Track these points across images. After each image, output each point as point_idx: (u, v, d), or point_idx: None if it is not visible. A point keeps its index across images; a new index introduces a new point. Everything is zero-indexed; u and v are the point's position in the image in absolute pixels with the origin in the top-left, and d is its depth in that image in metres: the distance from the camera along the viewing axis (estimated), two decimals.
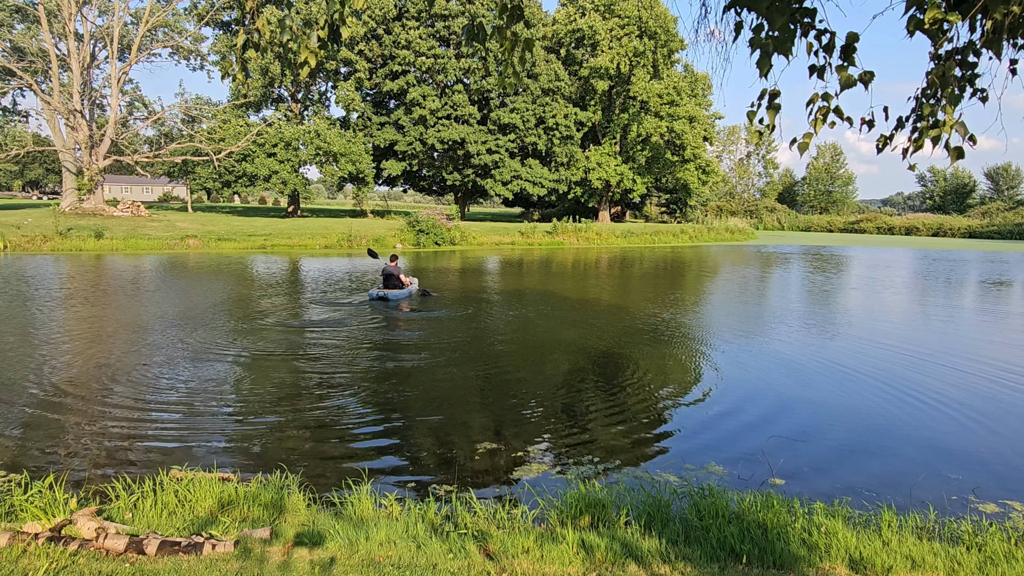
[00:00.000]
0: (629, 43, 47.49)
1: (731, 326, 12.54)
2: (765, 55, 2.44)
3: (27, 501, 4.09)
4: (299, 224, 36.99)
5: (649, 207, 70.26)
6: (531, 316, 13.02)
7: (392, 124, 46.87)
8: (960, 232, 59.53)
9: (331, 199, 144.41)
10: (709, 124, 53.58)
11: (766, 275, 23.17)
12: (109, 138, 35.64)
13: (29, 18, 37.92)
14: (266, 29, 2.69)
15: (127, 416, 6.41)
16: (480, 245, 33.53)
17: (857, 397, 7.77)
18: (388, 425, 6.40)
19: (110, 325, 11.05)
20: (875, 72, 2.34)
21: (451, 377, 8.26)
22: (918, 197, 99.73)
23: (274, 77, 44.32)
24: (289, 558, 3.62)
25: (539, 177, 48.16)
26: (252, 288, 16.07)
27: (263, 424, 6.33)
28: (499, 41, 2.88)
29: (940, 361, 9.72)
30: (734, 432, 6.47)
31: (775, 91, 2.52)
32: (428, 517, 4.25)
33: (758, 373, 8.90)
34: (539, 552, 3.78)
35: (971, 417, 7.08)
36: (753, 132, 2.65)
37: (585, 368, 8.94)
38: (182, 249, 26.48)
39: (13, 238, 24.12)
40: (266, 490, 4.40)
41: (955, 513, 4.69)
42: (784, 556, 3.81)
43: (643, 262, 27.20)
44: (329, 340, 10.23)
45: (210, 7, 40.17)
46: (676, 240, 41.68)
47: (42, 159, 77.62)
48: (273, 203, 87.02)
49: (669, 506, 4.46)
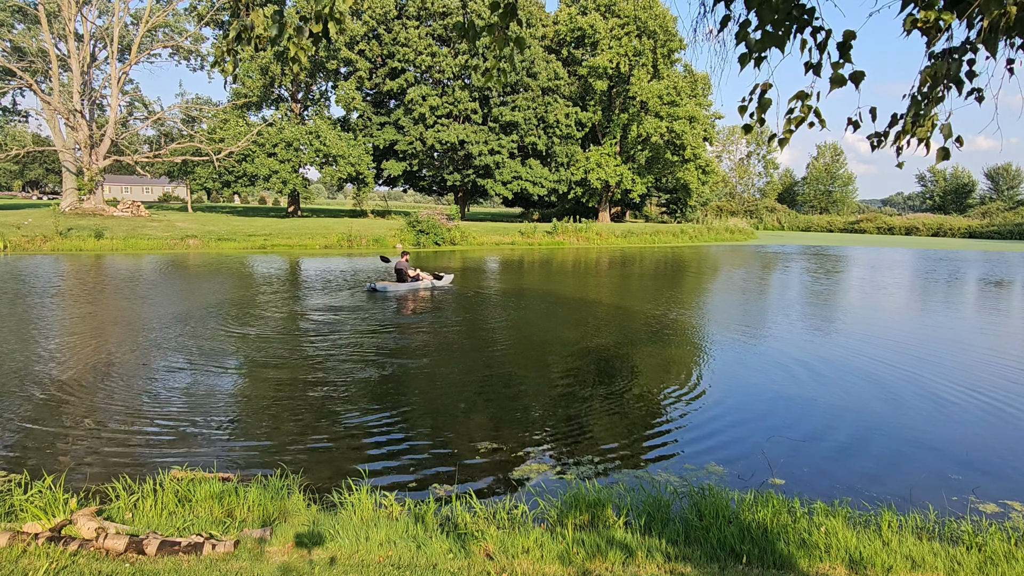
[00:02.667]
0: (628, 43, 47.49)
1: (731, 326, 12.54)
2: (750, 51, 2.45)
3: (27, 501, 4.10)
4: (299, 224, 36.99)
5: (649, 207, 70.25)
6: (531, 316, 13.02)
7: (392, 124, 46.85)
8: (960, 232, 59.54)
9: (331, 199, 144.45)
10: (709, 124, 53.54)
11: (766, 275, 23.16)
12: (109, 138, 35.64)
13: (29, 18, 37.94)
14: (260, 23, 2.69)
15: (127, 416, 6.41)
16: (480, 245, 33.53)
17: (857, 397, 7.77)
18: (388, 425, 6.40)
19: (110, 325, 11.05)
20: (872, 71, 2.35)
21: (451, 377, 8.26)
22: (918, 197, 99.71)
23: (274, 77, 44.32)
24: (289, 558, 3.62)
25: (539, 177, 48.17)
26: (252, 288, 16.08)
27: (263, 424, 6.34)
28: (490, 40, 2.88)
29: (940, 361, 9.72)
30: (734, 432, 6.47)
31: (767, 85, 2.52)
32: (428, 517, 4.25)
33: (758, 373, 8.89)
34: (539, 552, 3.78)
35: (971, 417, 7.07)
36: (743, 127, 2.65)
37: (585, 368, 8.94)
38: (182, 249, 26.48)
39: (13, 238, 24.13)
40: (266, 490, 4.41)
41: (955, 513, 4.69)
42: (784, 556, 3.81)
43: (643, 262, 27.19)
44: (329, 340, 10.23)
45: (210, 7, 40.16)
46: (676, 240, 41.68)
47: (42, 159, 77.65)
48: (273, 203, 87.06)
49: (669, 506, 4.46)
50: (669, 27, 48.80)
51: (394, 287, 15.91)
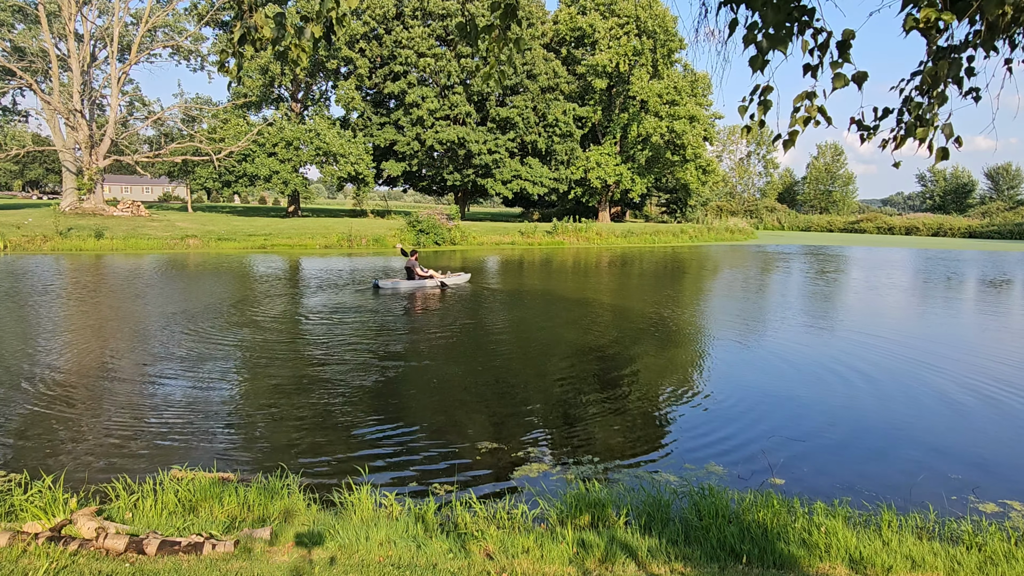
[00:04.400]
0: (628, 42, 47.48)
1: (731, 326, 12.54)
2: (759, 52, 2.45)
3: (27, 501, 4.10)
4: (299, 224, 36.99)
5: (649, 207, 70.25)
6: (531, 316, 13.02)
7: (392, 124, 46.87)
8: (960, 232, 59.53)
9: (331, 199, 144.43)
10: (709, 124, 53.53)
11: (766, 275, 23.16)
12: (109, 138, 35.64)
13: (29, 18, 37.93)
14: (263, 24, 2.69)
15: (127, 416, 6.41)
16: (480, 245, 33.53)
17: (857, 397, 7.77)
18: (388, 425, 6.40)
19: (110, 324, 11.05)
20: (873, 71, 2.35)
21: (451, 377, 8.26)
22: (918, 197, 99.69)
23: (274, 77, 44.31)
24: (289, 558, 3.62)
25: (539, 176, 48.15)
26: (252, 288, 16.08)
27: (263, 424, 6.34)
28: (489, 40, 2.88)
29: (940, 361, 9.72)
30: (734, 432, 6.47)
31: (768, 87, 2.52)
32: (428, 517, 4.25)
33: (758, 373, 8.89)
34: (539, 552, 3.78)
35: (972, 416, 7.07)
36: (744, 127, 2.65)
37: (585, 368, 8.94)
38: (182, 249, 26.48)
39: (13, 238, 24.13)
40: (266, 490, 4.41)
41: (955, 513, 4.69)
42: (784, 556, 3.81)
43: (643, 262, 27.19)
44: (329, 340, 10.23)
45: (210, 7, 40.16)
46: (676, 240, 41.68)
47: (42, 159, 77.61)
48: (273, 203, 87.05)
49: (669, 506, 4.46)
50: (669, 27, 48.80)
51: (395, 284, 16.14)
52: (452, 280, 17.07)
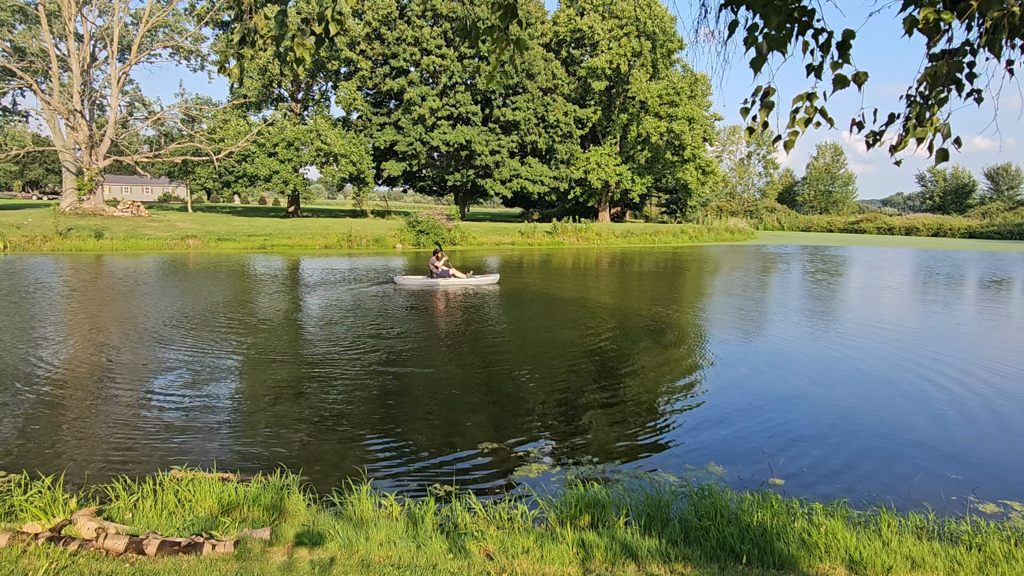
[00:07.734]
0: (627, 43, 47.50)
1: (731, 326, 12.54)
2: (760, 54, 2.45)
3: (27, 501, 4.09)
4: (299, 224, 36.99)
5: (649, 207, 70.26)
6: (531, 316, 13.02)
7: (392, 124, 46.86)
8: (960, 232, 59.52)
9: (331, 199, 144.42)
10: (709, 124, 53.55)
11: (766, 275, 23.16)
12: (109, 138, 35.64)
13: (29, 18, 37.91)
14: (263, 25, 2.69)
15: (127, 416, 6.41)
16: (480, 245, 33.53)
17: (857, 397, 7.77)
18: (388, 425, 6.40)
19: (110, 325, 11.05)
20: (873, 71, 2.35)
21: (451, 377, 8.26)
22: (918, 197, 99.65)
23: (274, 77, 44.30)
24: (289, 558, 3.62)
25: (539, 175, 48.15)
26: (252, 288, 16.08)
27: (263, 424, 6.33)
28: (491, 41, 2.88)
29: (940, 361, 9.72)
30: (734, 432, 6.47)
31: (769, 88, 2.52)
32: (428, 517, 4.25)
33: (758, 373, 8.89)
34: (539, 552, 3.78)
35: (971, 416, 7.07)
36: (746, 129, 2.65)
37: (585, 368, 8.94)
38: (182, 249, 26.48)
39: (13, 238, 24.12)
40: (266, 490, 4.40)
41: (955, 513, 4.69)
42: (784, 556, 3.81)
43: (643, 262, 27.19)
44: (328, 340, 10.23)
45: (210, 7, 40.15)
46: (676, 240, 41.68)
47: (42, 159, 77.61)
48: (273, 203, 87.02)
49: (669, 506, 4.46)
50: (668, 28, 48.84)
51: (408, 280, 16.50)
52: (479, 281, 17.11)
